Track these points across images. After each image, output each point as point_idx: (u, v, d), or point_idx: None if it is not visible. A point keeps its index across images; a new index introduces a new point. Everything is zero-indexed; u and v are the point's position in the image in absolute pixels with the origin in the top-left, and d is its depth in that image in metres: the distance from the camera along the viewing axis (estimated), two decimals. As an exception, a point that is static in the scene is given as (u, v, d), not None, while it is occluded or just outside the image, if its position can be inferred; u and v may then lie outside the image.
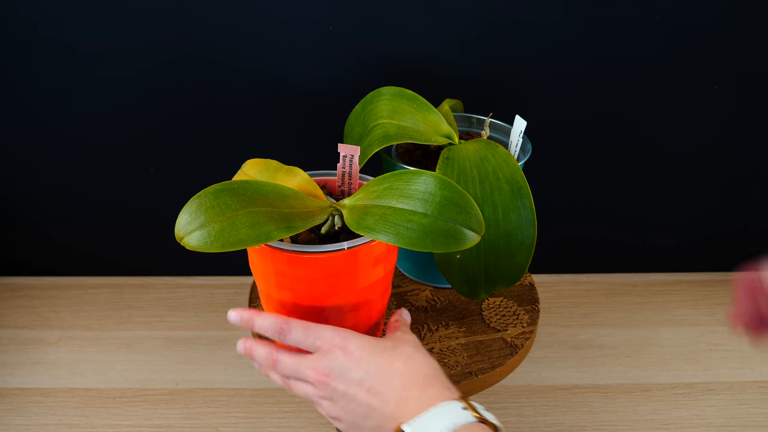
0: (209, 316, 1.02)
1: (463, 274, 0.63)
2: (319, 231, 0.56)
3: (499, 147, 0.63)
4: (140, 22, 0.83)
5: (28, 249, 1.07)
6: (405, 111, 0.67)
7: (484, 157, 0.62)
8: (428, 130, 0.65)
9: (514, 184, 0.61)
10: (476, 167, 0.62)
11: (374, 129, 0.66)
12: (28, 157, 0.96)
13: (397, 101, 0.68)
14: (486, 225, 0.60)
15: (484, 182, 0.61)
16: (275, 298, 0.57)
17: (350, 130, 0.71)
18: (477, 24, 0.84)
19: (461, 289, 0.65)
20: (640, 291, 1.07)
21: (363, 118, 0.69)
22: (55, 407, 0.87)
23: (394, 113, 0.67)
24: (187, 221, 0.49)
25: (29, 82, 0.88)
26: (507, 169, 0.62)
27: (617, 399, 0.88)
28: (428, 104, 0.67)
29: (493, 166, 0.62)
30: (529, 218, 0.61)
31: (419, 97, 0.68)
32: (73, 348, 0.97)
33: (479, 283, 0.64)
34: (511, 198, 0.61)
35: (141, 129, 0.93)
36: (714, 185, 1.00)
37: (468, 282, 0.64)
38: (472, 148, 0.64)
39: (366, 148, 0.64)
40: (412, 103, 0.68)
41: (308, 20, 0.83)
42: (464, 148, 0.64)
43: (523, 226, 0.61)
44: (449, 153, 0.63)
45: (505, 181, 0.61)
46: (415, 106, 0.67)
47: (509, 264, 0.63)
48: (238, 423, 0.85)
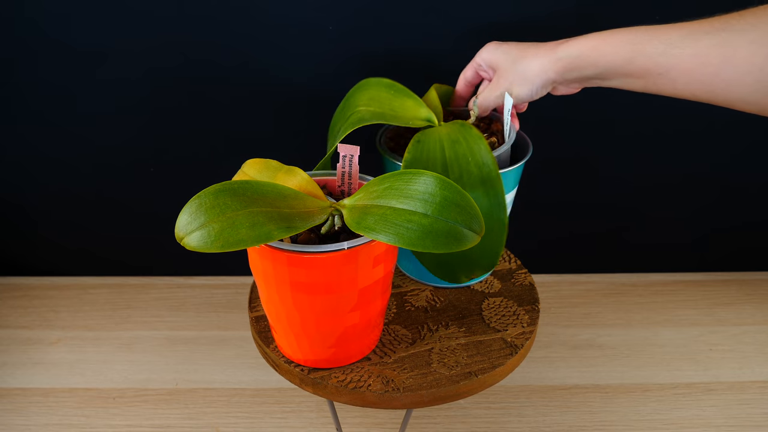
0: (209, 316, 1.02)
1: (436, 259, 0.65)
2: (319, 231, 0.56)
3: (473, 129, 0.63)
4: (141, 22, 0.83)
5: (28, 249, 1.07)
6: (382, 98, 0.68)
7: (455, 140, 0.62)
8: (406, 114, 0.66)
9: (484, 168, 0.61)
10: (448, 149, 0.62)
11: (351, 116, 0.67)
12: (29, 156, 0.96)
13: (375, 90, 0.69)
14: None
15: (452, 165, 0.61)
16: (275, 298, 0.57)
17: (333, 125, 0.72)
18: (477, 23, 0.84)
19: (436, 272, 0.67)
20: (640, 291, 1.07)
21: (344, 110, 0.71)
22: (55, 407, 0.87)
23: (371, 101, 0.68)
24: (187, 221, 0.49)
25: (30, 81, 0.88)
26: (478, 153, 0.61)
27: (617, 399, 0.88)
28: (406, 90, 0.69)
29: (464, 149, 0.62)
30: (497, 201, 0.61)
31: (396, 83, 0.70)
32: (73, 348, 0.97)
33: (453, 266, 0.66)
34: (480, 182, 0.61)
35: (141, 129, 0.93)
36: (714, 185, 1.00)
37: (441, 265, 0.66)
38: (445, 131, 0.64)
39: (338, 133, 0.65)
40: (389, 89, 0.69)
41: (308, 20, 0.83)
42: (437, 131, 0.64)
43: (493, 210, 0.62)
44: (421, 136, 0.63)
45: (474, 165, 0.61)
46: (392, 92, 0.69)
47: (483, 248, 0.63)
48: (238, 423, 0.85)
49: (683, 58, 0.53)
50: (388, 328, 0.68)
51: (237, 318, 1.02)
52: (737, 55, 0.50)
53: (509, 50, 0.64)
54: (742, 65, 0.50)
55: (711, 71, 0.52)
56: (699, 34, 0.52)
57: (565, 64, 0.60)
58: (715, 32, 0.51)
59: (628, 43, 0.56)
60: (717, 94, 0.53)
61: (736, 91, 0.51)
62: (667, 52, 0.53)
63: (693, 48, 0.52)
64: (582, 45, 0.59)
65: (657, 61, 0.54)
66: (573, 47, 0.59)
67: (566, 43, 0.60)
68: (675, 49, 0.53)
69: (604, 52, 0.57)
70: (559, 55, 0.60)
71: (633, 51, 0.55)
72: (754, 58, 0.49)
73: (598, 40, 0.58)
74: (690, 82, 0.54)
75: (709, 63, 0.51)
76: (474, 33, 0.84)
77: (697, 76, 0.53)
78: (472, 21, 0.83)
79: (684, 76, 0.53)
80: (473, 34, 0.84)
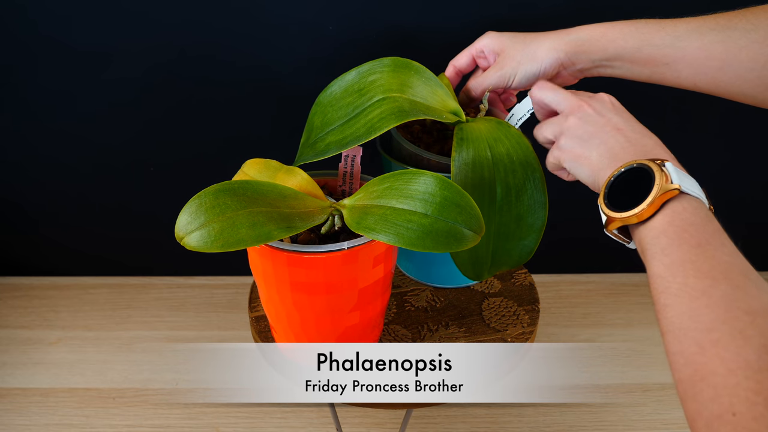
0: (209, 316, 1.02)
1: (472, 256, 0.62)
2: (319, 231, 0.56)
3: (512, 128, 0.62)
4: (140, 22, 0.83)
5: (28, 249, 1.07)
6: (414, 84, 0.62)
7: (497, 138, 0.61)
8: (438, 106, 0.63)
9: (528, 167, 0.60)
10: (490, 149, 0.60)
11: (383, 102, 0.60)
12: (29, 156, 0.96)
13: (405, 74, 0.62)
14: (498, 208, 0.60)
15: (498, 164, 0.60)
16: (275, 298, 0.57)
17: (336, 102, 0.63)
18: (477, 23, 0.84)
19: (467, 271, 0.64)
20: (640, 291, 1.07)
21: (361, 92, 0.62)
22: (55, 407, 0.87)
23: (403, 86, 0.61)
24: (187, 221, 0.49)
25: (30, 82, 0.88)
26: (520, 151, 0.60)
27: (617, 399, 0.88)
28: (436, 78, 0.64)
29: (507, 147, 0.60)
30: (541, 200, 0.61)
31: (426, 69, 0.63)
32: (73, 348, 0.97)
33: (485, 265, 0.64)
34: (524, 181, 0.60)
35: (141, 129, 0.93)
36: (714, 185, 1.00)
37: (475, 264, 0.63)
38: (484, 128, 0.61)
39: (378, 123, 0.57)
40: (420, 76, 0.63)
41: (308, 20, 0.83)
42: (476, 128, 0.61)
43: (535, 208, 0.61)
44: (462, 133, 0.60)
45: (519, 164, 0.60)
46: (423, 79, 0.63)
47: (517, 246, 0.62)
48: (238, 423, 0.85)
49: (690, 51, 0.54)
50: (388, 328, 0.68)
51: (237, 318, 1.02)
52: (741, 53, 0.52)
53: (515, 35, 0.64)
54: (746, 62, 0.52)
55: (715, 65, 0.53)
56: (704, 30, 0.54)
57: (575, 46, 0.60)
58: (720, 29, 0.53)
59: (636, 32, 0.57)
60: (720, 86, 0.55)
61: (738, 85, 0.53)
62: (675, 44, 0.55)
63: (699, 42, 0.54)
64: (591, 30, 0.60)
65: (664, 52, 0.55)
66: (582, 31, 0.60)
67: (575, 29, 0.61)
68: (682, 42, 0.54)
69: (613, 38, 0.58)
70: (571, 38, 0.60)
71: (641, 40, 0.56)
72: (758, 57, 0.51)
73: (607, 27, 0.59)
74: (694, 74, 0.55)
75: (714, 57, 0.53)
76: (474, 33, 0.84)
77: (702, 69, 0.54)
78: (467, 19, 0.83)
79: (689, 68, 0.55)
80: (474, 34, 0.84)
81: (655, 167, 0.45)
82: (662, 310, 0.40)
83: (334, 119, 0.63)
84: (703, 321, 0.37)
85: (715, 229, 0.42)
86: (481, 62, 0.67)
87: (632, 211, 0.44)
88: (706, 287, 0.38)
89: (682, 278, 0.40)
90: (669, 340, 0.39)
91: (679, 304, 0.39)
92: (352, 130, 0.60)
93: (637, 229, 0.45)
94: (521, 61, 0.62)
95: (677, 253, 0.41)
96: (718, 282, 0.38)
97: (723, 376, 0.35)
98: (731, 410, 0.34)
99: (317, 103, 0.65)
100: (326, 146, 0.61)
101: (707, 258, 0.40)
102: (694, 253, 0.40)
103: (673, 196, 0.43)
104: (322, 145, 0.61)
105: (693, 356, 0.37)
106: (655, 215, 0.43)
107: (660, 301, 0.40)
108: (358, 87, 0.62)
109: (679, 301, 0.39)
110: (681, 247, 0.41)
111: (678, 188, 0.43)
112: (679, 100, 0.90)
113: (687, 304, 0.39)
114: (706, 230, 0.42)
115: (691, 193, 0.44)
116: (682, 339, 0.38)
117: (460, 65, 0.68)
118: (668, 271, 0.41)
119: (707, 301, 0.38)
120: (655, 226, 0.43)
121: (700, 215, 0.43)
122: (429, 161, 0.62)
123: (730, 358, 0.35)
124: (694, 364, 0.37)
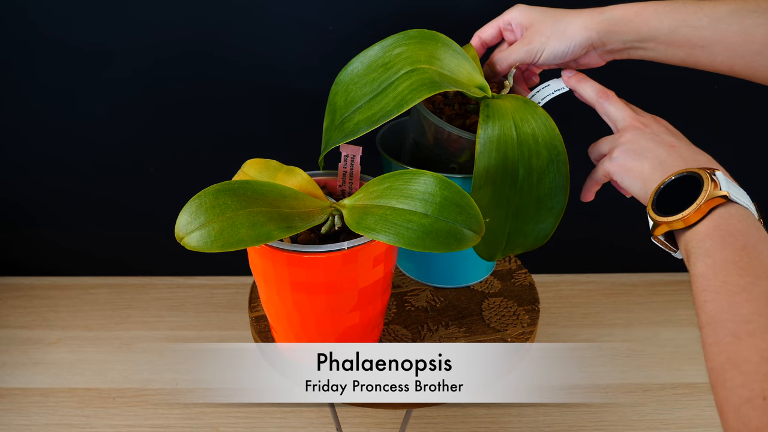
0: (209, 316, 1.02)
1: (488, 236, 0.60)
2: (319, 231, 0.56)
3: (538, 108, 0.60)
4: (141, 22, 0.83)
5: (28, 249, 1.07)
6: (441, 57, 0.60)
7: (523, 118, 0.59)
8: (464, 80, 0.60)
9: (553, 150, 0.59)
10: (515, 128, 0.59)
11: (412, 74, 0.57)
12: (29, 157, 0.96)
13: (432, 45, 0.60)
14: (519, 190, 0.59)
15: (522, 145, 0.58)
16: (275, 298, 0.57)
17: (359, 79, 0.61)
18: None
19: (481, 252, 0.63)
20: (640, 291, 1.07)
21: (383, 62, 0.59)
22: (55, 407, 0.87)
23: (431, 58, 0.59)
24: (187, 221, 0.49)
25: (31, 81, 0.88)
26: (546, 133, 0.59)
27: (617, 399, 0.88)
28: (463, 51, 0.61)
29: (533, 128, 0.59)
30: (563, 185, 0.60)
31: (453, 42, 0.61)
32: (73, 348, 0.97)
33: (499, 245, 0.63)
34: (548, 163, 0.59)
35: (142, 129, 0.93)
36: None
37: (489, 244, 0.62)
38: (510, 105, 0.60)
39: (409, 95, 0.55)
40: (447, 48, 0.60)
41: (309, 20, 0.83)
42: (503, 105, 0.59)
43: (556, 191, 0.60)
44: (488, 110, 0.58)
45: (543, 146, 0.59)
46: (451, 52, 0.60)
47: (534, 230, 0.62)
48: (238, 423, 0.85)
49: (728, 33, 0.53)
50: (388, 328, 0.68)
51: (237, 318, 1.02)
52: None
53: (546, 10, 0.62)
54: None
55: (755, 49, 0.52)
56: (745, 12, 0.52)
57: (608, 25, 0.58)
58: (761, 12, 0.51)
59: (672, 12, 0.55)
60: (757, 71, 0.53)
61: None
62: (712, 25, 0.53)
63: (739, 25, 0.52)
64: (625, 9, 0.58)
65: (701, 34, 0.54)
66: (616, 10, 0.58)
67: (608, 7, 0.59)
68: (721, 24, 0.53)
69: (648, 18, 0.56)
70: (604, 16, 0.58)
71: (677, 21, 0.55)
72: None
73: (641, 7, 0.57)
74: (731, 57, 0.53)
75: (754, 41, 0.52)
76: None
77: (740, 53, 0.53)
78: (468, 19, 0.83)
79: (726, 51, 0.53)
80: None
81: (705, 174, 0.44)
82: (702, 306, 0.40)
83: (359, 96, 0.60)
84: (741, 313, 0.38)
85: (763, 236, 0.42)
86: (508, 35, 0.65)
87: (679, 215, 0.44)
88: (747, 284, 0.39)
89: (724, 276, 0.40)
90: (706, 333, 0.39)
91: (719, 299, 0.39)
92: (380, 105, 0.57)
93: (683, 234, 0.45)
94: (550, 36, 0.60)
95: (721, 254, 0.41)
96: (760, 280, 0.39)
97: (756, 363, 0.35)
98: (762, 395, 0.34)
99: (337, 83, 0.62)
100: (355, 125, 0.58)
101: (751, 259, 0.40)
102: (738, 255, 0.40)
103: (721, 203, 0.43)
104: (350, 125, 0.59)
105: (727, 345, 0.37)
106: (702, 220, 0.43)
107: (700, 298, 0.40)
108: (383, 61, 0.59)
109: (719, 296, 0.39)
110: (725, 249, 0.41)
111: (726, 195, 0.43)
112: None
113: (726, 299, 0.39)
114: (753, 236, 0.41)
115: (739, 202, 0.43)
116: (719, 330, 0.38)
117: (486, 37, 0.65)
118: (711, 270, 0.41)
119: (747, 296, 0.38)
120: (701, 230, 0.43)
121: (747, 223, 0.42)
122: (450, 135, 0.61)
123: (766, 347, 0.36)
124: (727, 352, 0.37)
